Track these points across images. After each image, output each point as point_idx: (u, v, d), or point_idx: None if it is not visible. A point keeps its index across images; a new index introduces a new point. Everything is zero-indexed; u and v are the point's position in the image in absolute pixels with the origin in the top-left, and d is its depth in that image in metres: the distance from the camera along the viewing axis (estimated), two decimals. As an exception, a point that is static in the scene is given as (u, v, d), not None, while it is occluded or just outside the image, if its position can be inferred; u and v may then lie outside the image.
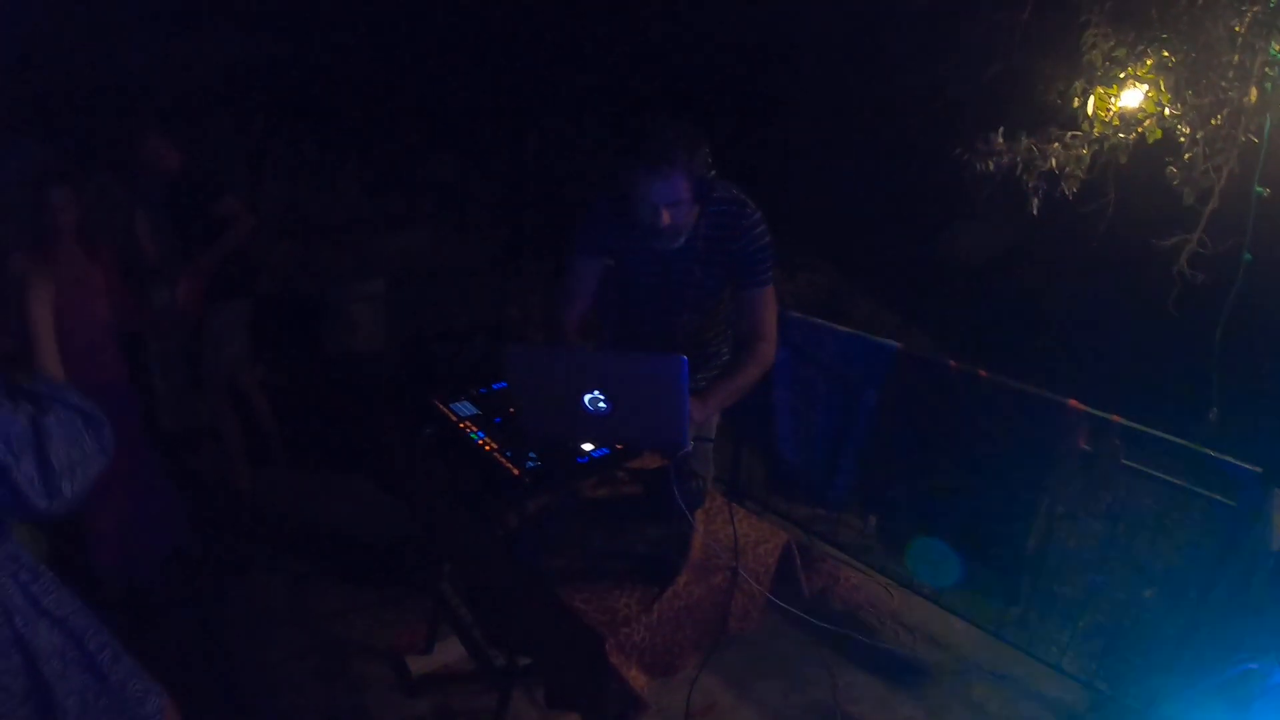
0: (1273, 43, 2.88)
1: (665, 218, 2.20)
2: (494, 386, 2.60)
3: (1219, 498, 2.64)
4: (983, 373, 2.92)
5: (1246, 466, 2.46)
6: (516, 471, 2.13)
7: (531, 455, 2.18)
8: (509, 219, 7.26)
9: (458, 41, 7.14)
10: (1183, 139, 3.18)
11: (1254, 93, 2.92)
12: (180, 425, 4.64)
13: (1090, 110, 3.38)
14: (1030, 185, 3.36)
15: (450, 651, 3.05)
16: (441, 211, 7.03)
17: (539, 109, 7.32)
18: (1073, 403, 2.72)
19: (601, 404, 1.89)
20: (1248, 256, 3.10)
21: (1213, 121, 3.09)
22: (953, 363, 3.00)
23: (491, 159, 7.31)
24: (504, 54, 7.23)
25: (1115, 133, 3.34)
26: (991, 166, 3.33)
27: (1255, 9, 2.87)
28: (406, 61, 7.10)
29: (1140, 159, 3.36)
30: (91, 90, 5.64)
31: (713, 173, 2.23)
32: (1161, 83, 3.22)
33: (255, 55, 6.76)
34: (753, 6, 6.57)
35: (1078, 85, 3.43)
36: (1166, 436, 2.62)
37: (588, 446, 2.27)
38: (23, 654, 1.55)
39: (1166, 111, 3.22)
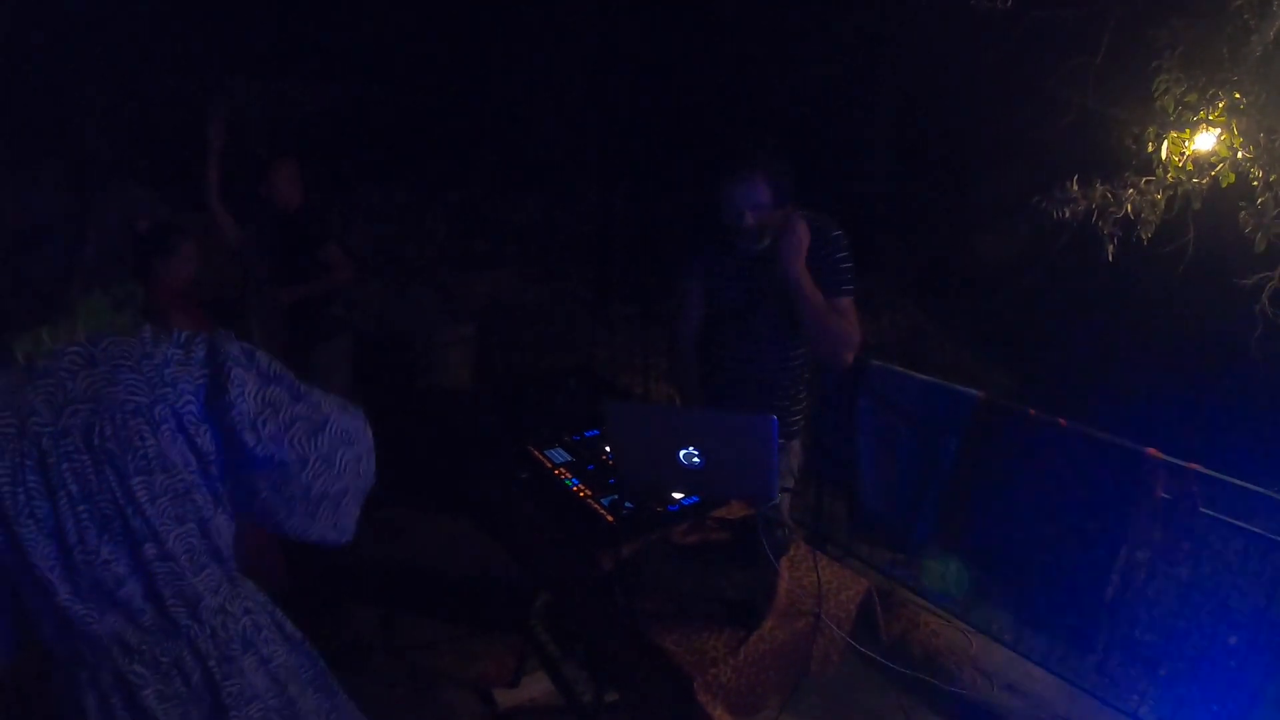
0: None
1: (749, 219, 2.51)
2: (586, 434, 2.74)
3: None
4: (1063, 421, 2.94)
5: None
6: (610, 518, 2.26)
7: (626, 504, 2.31)
8: (597, 262, 7.42)
9: (542, 87, 7.38)
10: (1255, 183, 3.18)
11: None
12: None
13: (1164, 155, 3.39)
14: (1106, 232, 3.38)
15: (535, 686, 3.14)
16: (525, 253, 7.24)
17: (626, 154, 7.50)
18: (1151, 451, 2.73)
19: (696, 458, 2.02)
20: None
21: (1286, 163, 3.09)
22: (1032, 411, 3.04)
23: (576, 203, 7.51)
24: (590, 100, 7.42)
25: (1189, 178, 3.34)
26: (1068, 214, 3.36)
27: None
28: (490, 106, 7.36)
29: (1217, 200, 3.35)
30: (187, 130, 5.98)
31: (790, 177, 2.52)
32: (1234, 126, 3.22)
33: (344, 100, 7.10)
34: (834, 55, 6.69)
35: (1151, 131, 3.44)
36: (1244, 484, 2.62)
37: (677, 495, 2.39)
38: (270, 675, 1.54)
39: (1239, 155, 3.21)
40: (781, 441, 2.49)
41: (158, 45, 6.37)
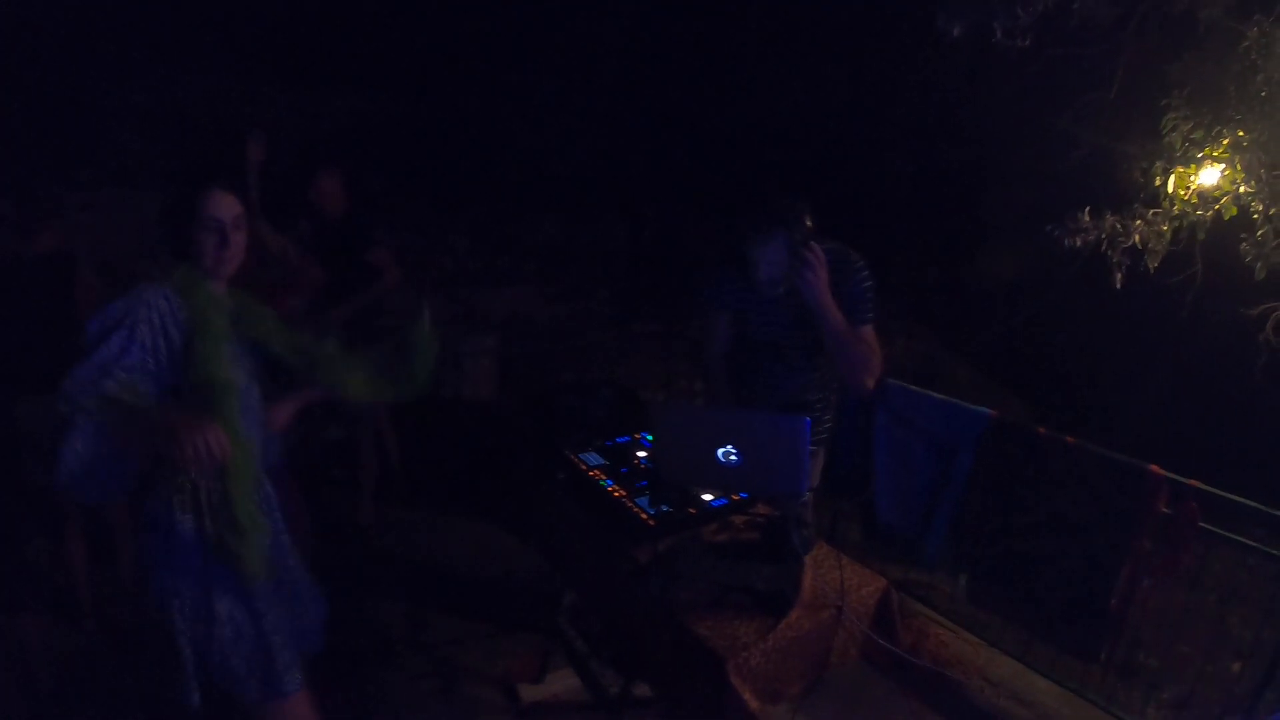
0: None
1: (767, 273, 2.58)
2: (618, 440, 2.89)
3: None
4: (1070, 439, 3.04)
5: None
6: (644, 516, 2.40)
7: (663, 505, 2.46)
8: (620, 280, 7.52)
9: (565, 108, 7.54)
10: (1256, 215, 3.32)
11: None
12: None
13: (1170, 189, 3.52)
14: (1114, 260, 3.52)
15: (560, 681, 3.25)
16: (545, 271, 7.38)
17: (651, 176, 7.61)
18: (1153, 468, 2.82)
19: (733, 457, 2.17)
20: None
21: (1285, 196, 3.22)
22: (1042, 429, 3.14)
23: (596, 223, 7.65)
24: (615, 123, 7.56)
25: (1194, 210, 3.47)
26: (1079, 243, 3.50)
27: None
28: (512, 124, 7.52)
29: (1223, 233, 3.48)
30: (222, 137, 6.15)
31: (811, 226, 2.58)
32: (1237, 161, 3.35)
33: (368, 113, 7.26)
34: (856, 85, 6.85)
35: (1158, 166, 3.57)
36: (1242, 500, 2.70)
37: (706, 496, 2.54)
38: None
39: (1241, 189, 3.34)
40: (812, 449, 2.62)
41: (195, 52, 6.57)
